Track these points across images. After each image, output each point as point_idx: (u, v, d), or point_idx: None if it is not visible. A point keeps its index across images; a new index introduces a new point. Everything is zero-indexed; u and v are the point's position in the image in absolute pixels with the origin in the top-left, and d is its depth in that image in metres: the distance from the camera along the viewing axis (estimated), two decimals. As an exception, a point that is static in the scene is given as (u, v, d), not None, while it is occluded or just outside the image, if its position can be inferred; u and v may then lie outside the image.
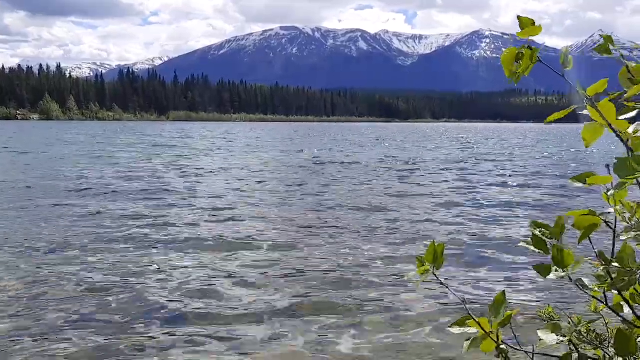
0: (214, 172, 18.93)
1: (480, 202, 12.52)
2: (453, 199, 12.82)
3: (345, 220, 10.08)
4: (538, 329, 1.37)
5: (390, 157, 27.78)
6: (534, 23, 1.28)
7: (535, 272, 1.36)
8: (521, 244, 1.36)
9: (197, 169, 20.15)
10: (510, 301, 5.40)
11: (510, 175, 18.75)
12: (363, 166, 22.33)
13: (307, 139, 51.79)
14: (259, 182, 16.08)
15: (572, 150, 37.28)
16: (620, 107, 1.28)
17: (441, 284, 1.47)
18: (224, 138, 52.87)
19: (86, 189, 13.98)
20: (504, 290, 1.37)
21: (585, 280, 1.42)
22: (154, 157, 25.57)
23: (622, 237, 1.30)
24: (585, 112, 1.26)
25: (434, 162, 25.12)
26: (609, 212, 1.29)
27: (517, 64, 1.33)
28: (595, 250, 1.35)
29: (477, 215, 10.66)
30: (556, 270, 1.32)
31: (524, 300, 5.58)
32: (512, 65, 1.33)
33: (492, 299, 1.30)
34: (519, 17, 1.28)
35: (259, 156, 28.10)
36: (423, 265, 1.42)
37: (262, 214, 10.71)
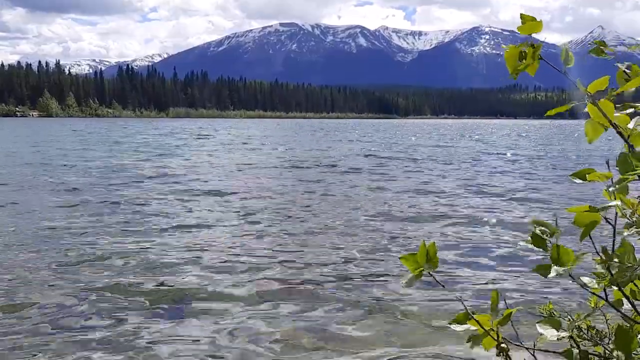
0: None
1: (482, 196, 12.52)
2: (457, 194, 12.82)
3: (344, 212, 10.08)
4: (538, 324, 1.38)
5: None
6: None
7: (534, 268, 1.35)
8: (522, 242, 1.37)
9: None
10: (511, 298, 5.41)
11: (517, 170, 18.75)
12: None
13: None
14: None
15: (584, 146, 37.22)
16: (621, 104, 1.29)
17: (439, 284, 1.46)
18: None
19: None
20: (496, 290, 1.38)
21: (585, 278, 1.42)
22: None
23: (625, 234, 1.30)
24: (586, 110, 1.27)
25: (441, 157, 25.11)
26: (608, 207, 1.29)
27: (520, 62, 1.33)
28: (597, 247, 1.36)
29: (477, 210, 10.66)
30: (556, 268, 1.33)
31: (525, 297, 5.59)
32: (517, 63, 1.33)
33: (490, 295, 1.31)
34: (521, 15, 1.28)
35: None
36: (417, 266, 1.38)
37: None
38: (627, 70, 1.28)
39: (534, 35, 1.30)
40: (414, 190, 13.71)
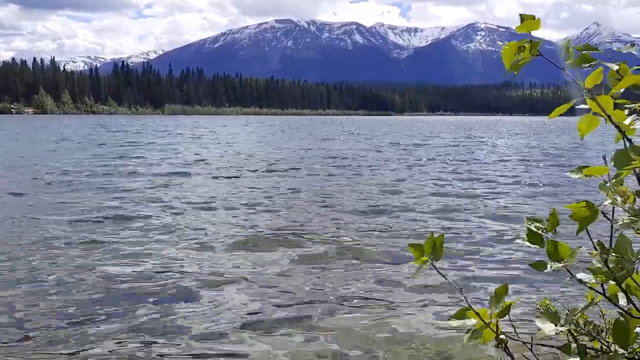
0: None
1: (482, 192, 12.53)
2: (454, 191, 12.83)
3: (345, 207, 10.09)
4: (537, 318, 1.37)
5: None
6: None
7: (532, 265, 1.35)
8: (517, 240, 1.38)
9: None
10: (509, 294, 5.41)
11: (519, 167, 18.77)
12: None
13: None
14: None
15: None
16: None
17: (440, 274, 1.47)
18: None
19: None
20: (506, 283, 1.35)
21: (583, 274, 1.42)
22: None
23: (619, 223, 1.30)
24: (583, 105, 1.27)
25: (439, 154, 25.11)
26: (605, 204, 1.29)
27: (517, 60, 1.34)
28: (594, 241, 1.34)
29: (477, 206, 10.67)
30: (552, 264, 1.32)
31: (522, 293, 5.59)
32: (513, 58, 1.34)
33: (490, 290, 1.41)
34: (521, 15, 1.28)
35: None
36: (422, 255, 1.39)
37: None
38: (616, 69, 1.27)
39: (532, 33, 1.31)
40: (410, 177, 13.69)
